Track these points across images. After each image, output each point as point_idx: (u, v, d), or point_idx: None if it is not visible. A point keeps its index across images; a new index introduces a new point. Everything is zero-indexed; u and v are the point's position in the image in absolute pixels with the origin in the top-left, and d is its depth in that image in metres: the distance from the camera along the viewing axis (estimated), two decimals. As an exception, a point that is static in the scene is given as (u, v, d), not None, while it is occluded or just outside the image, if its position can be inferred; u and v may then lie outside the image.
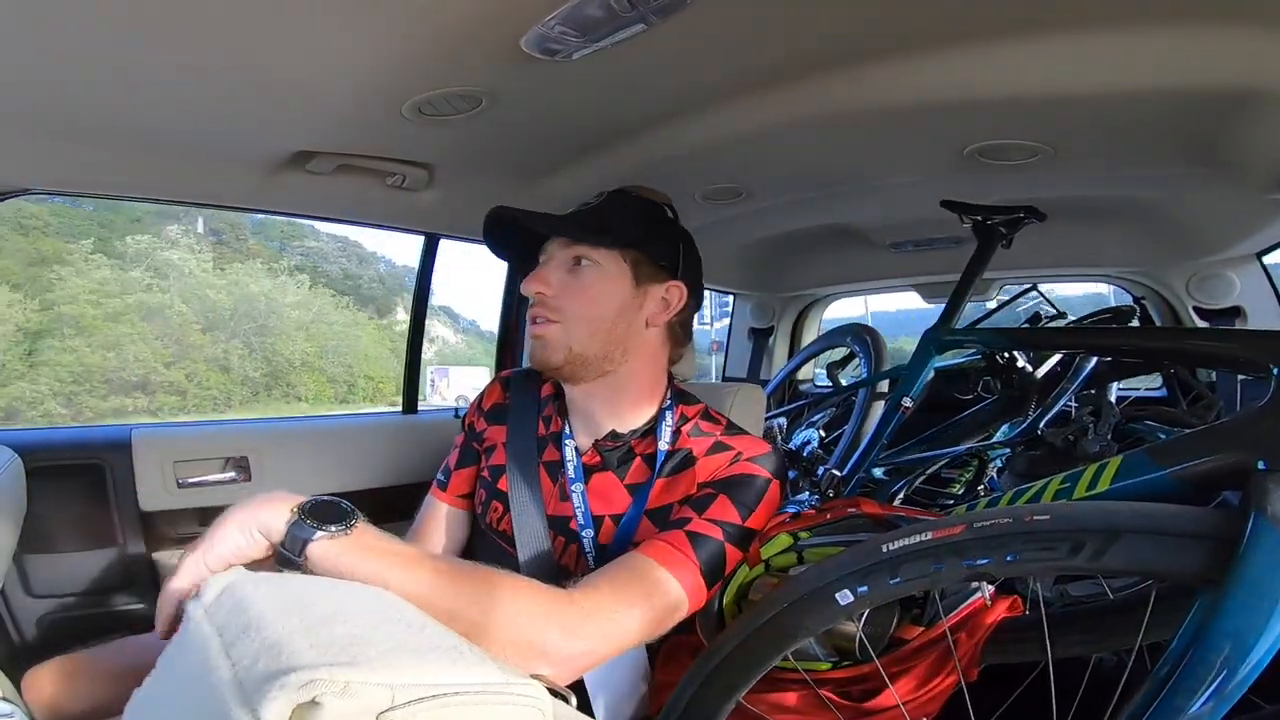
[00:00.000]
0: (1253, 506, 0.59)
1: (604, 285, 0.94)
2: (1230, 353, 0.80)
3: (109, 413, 10.43)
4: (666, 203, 1.03)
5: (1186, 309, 2.11)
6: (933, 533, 0.69)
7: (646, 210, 0.99)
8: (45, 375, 10.16)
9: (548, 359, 0.94)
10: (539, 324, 0.94)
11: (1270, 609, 0.56)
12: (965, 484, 1.77)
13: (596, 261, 0.94)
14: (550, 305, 0.94)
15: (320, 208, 1.49)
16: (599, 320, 0.93)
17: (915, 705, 0.73)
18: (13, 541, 1.14)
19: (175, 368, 11.36)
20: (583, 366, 0.94)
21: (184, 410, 11.09)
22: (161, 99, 0.98)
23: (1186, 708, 0.57)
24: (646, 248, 0.96)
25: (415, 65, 0.93)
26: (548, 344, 0.94)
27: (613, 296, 0.94)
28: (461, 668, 0.47)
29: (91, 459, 1.35)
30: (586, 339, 0.93)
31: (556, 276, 0.94)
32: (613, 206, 0.98)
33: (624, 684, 0.87)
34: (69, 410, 10.05)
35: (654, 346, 0.99)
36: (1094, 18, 0.88)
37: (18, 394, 10.00)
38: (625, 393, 0.97)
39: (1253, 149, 1.11)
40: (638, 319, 0.96)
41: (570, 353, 0.93)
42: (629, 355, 0.96)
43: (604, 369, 0.95)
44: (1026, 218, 1.55)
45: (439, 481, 1.10)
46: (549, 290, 0.94)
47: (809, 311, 2.96)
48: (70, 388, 10.28)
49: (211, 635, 0.51)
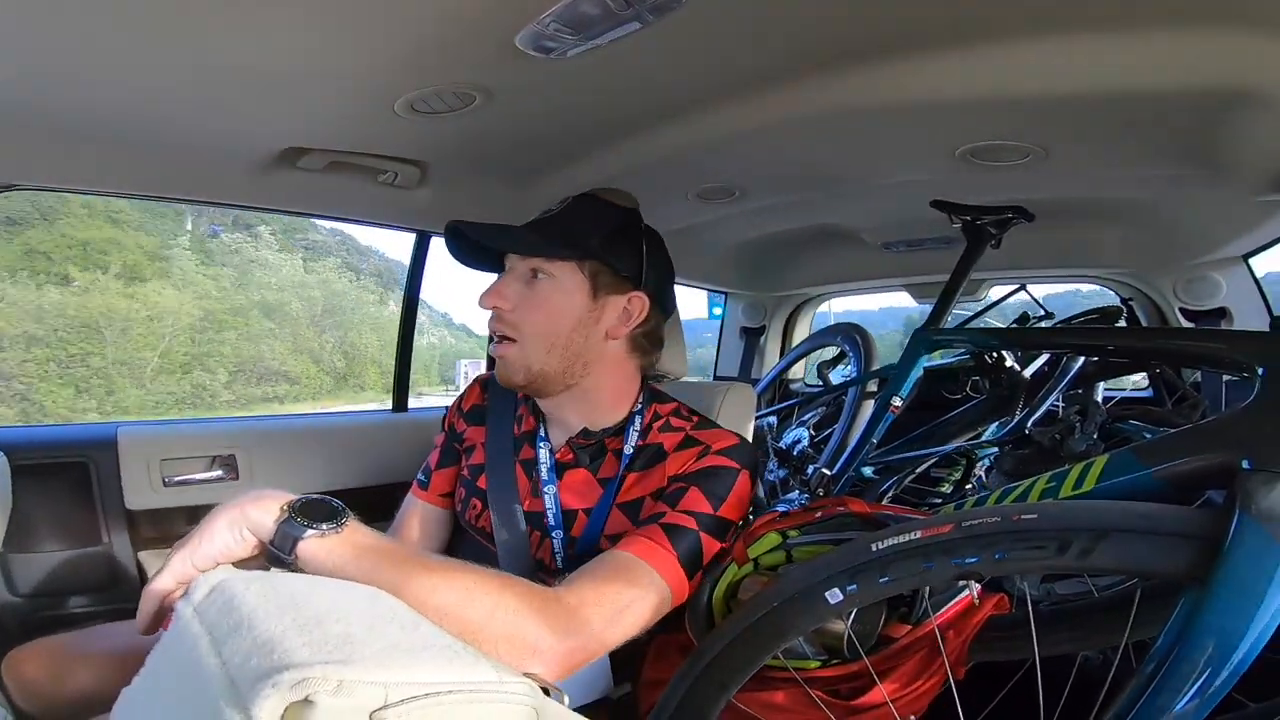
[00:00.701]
0: (1237, 506, 0.60)
1: (559, 298, 0.93)
2: (1216, 353, 0.80)
3: (258, 399, 11.62)
4: (633, 207, 1.01)
5: (1173, 310, 2.13)
6: (922, 531, 0.69)
7: (609, 217, 0.97)
8: (212, 365, 11.59)
9: (510, 379, 0.96)
10: (499, 343, 0.95)
11: (1254, 608, 0.57)
12: (954, 483, 1.78)
13: (551, 274, 0.93)
14: (506, 321, 0.94)
15: (311, 205, 1.48)
16: (554, 335, 0.93)
17: (903, 703, 0.74)
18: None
19: (294, 359, 12.67)
20: (545, 383, 0.95)
21: (297, 399, 12.33)
22: (149, 95, 0.97)
23: (1171, 706, 0.58)
24: (607, 257, 0.94)
25: (408, 62, 0.93)
26: (508, 364, 0.95)
27: (568, 310, 0.94)
28: (456, 667, 0.47)
29: (77, 457, 1.34)
30: (544, 356, 0.93)
31: (513, 290, 0.94)
32: (574, 214, 0.96)
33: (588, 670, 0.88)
34: (234, 396, 11.30)
35: (618, 357, 0.99)
36: (1087, 19, 0.89)
37: (199, 382, 11.40)
38: (593, 401, 0.98)
39: (1241, 150, 1.12)
40: (595, 332, 0.96)
41: (530, 372, 0.94)
42: (590, 368, 0.96)
43: (566, 383, 0.96)
44: (1015, 218, 1.56)
45: (420, 481, 1.11)
46: (505, 305, 0.94)
47: (800, 311, 2.98)
48: (233, 375, 11.65)
49: (201, 634, 0.51)
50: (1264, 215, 1.62)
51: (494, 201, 1.56)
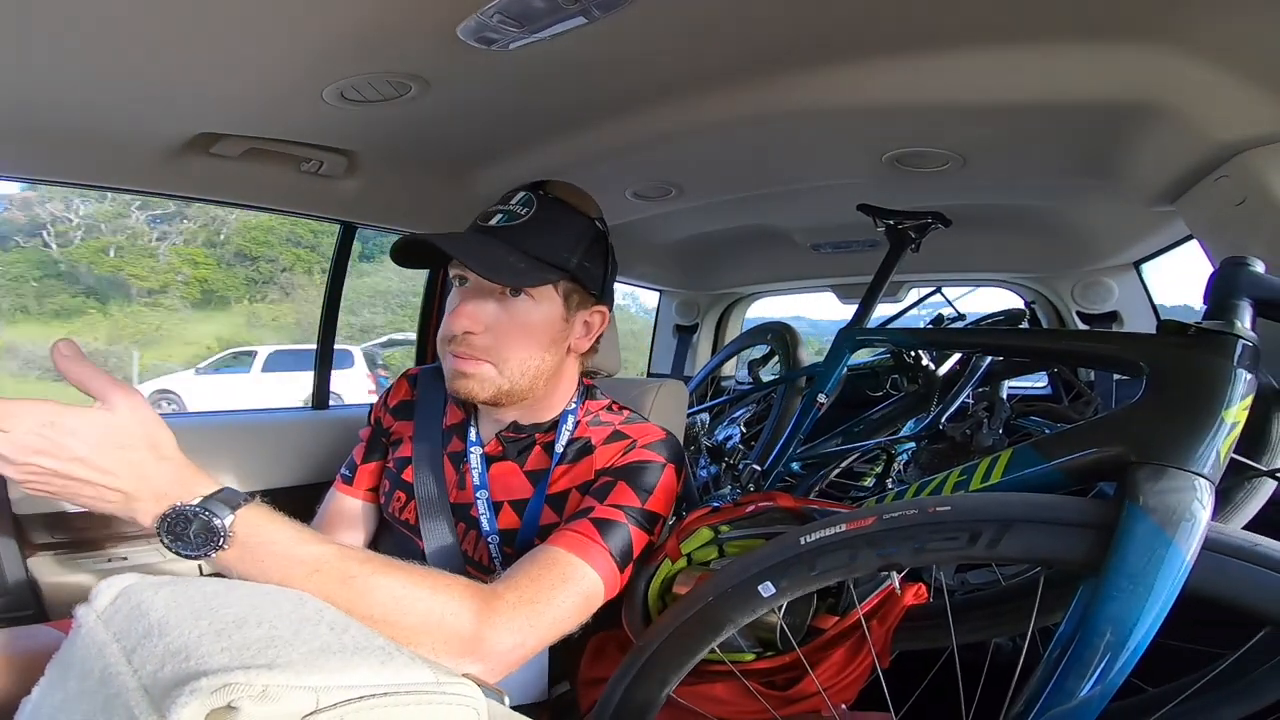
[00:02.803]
0: (1127, 497, 0.64)
1: (537, 320, 0.90)
2: (1111, 353, 0.85)
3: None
4: (599, 216, 0.97)
5: (1070, 313, 2.29)
6: (846, 525, 0.72)
7: (581, 229, 0.93)
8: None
9: (474, 393, 0.90)
10: (467, 361, 0.89)
11: (1144, 595, 0.61)
12: (875, 476, 1.86)
13: (530, 295, 0.89)
14: (479, 346, 0.89)
15: (226, 192, 1.40)
16: (531, 358, 0.91)
17: (834, 691, 0.77)
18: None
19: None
20: (507, 398, 0.92)
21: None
22: (44, 75, 0.90)
23: (1078, 690, 0.61)
24: (580, 274, 0.92)
25: (342, 49, 0.89)
26: (479, 383, 0.90)
27: (544, 331, 0.91)
28: (391, 669, 0.46)
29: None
30: (518, 377, 0.90)
31: (488, 312, 0.89)
32: (547, 224, 0.90)
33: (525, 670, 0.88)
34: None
35: (572, 368, 0.99)
36: (1006, 31, 0.94)
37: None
38: (534, 403, 0.97)
39: (1139, 161, 1.19)
40: (562, 349, 0.95)
41: (499, 391, 0.91)
42: (548, 382, 0.95)
43: (524, 398, 0.94)
44: (934, 223, 1.64)
45: (344, 476, 1.08)
46: (478, 328, 0.88)
47: (732, 309, 3.03)
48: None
49: (109, 642, 0.48)
50: (1156, 225, 1.77)
51: (426, 193, 1.52)
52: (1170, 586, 0.61)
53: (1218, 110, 0.96)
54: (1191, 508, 0.63)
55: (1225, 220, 1.10)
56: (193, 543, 0.62)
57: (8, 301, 12.23)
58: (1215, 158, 1.03)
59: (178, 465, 0.64)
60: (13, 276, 12.28)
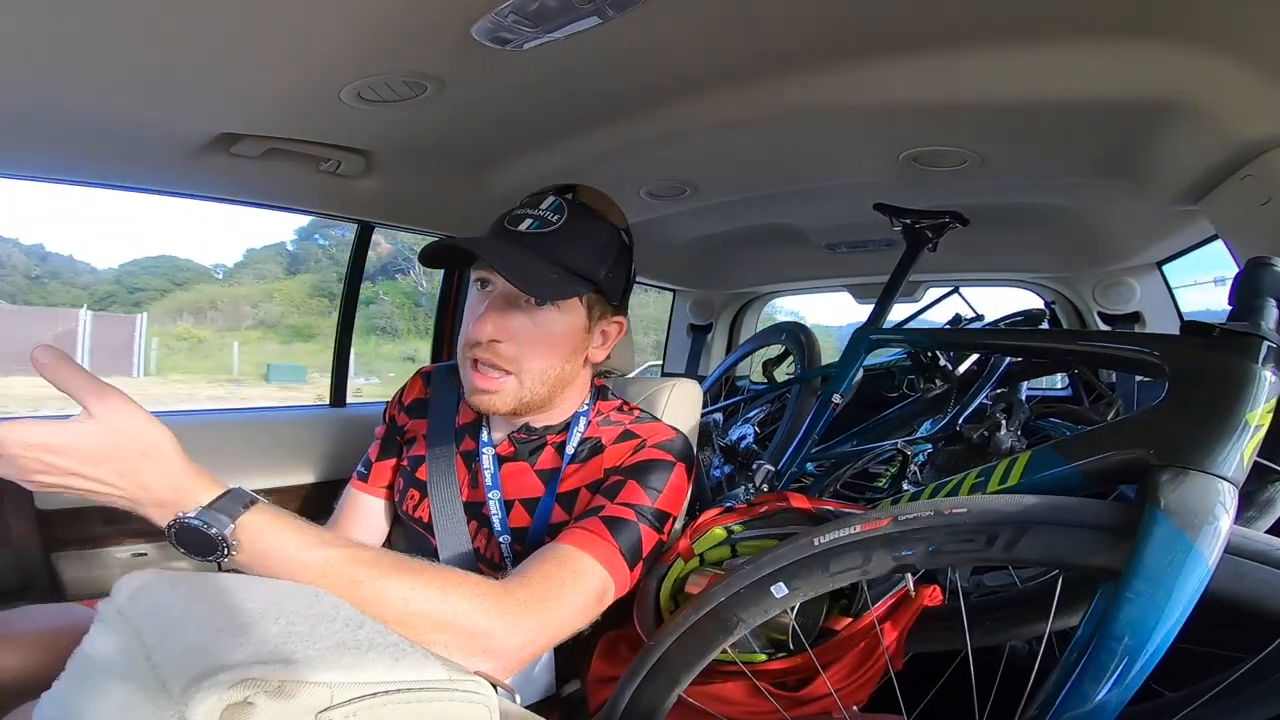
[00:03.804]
0: (1148, 500, 0.63)
1: (562, 331, 0.91)
2: (1133, 354, 0.83)
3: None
4: (624, 225, 0.97)
5: (1091, 313, 2.26)
6: (861, 526, 0.72)
7: (609, 239, 0.93)
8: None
9: (495, 407, 0.91)
10: (489, 375, 0.89)
11: (1165, 598, 0.60)
12: (890, 478, 1.84)
13: (557, 306, 0.90)
14: (504, 355, 0.89)
15: (246, 193, 1.42)
16: (551, 368, 0.91)
17: (846, 693, 0.76)
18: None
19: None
20: (526, 409, 0.93)
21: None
22: (69, 77, 0.91)
23: (1094, 694, 0.61)
24: (604, 286, 0.92)
25: (360, 50, 0.90)
26: (501, 398, 0.90)
27: (568, 342, 0.92)
28: (404, 666, 0.46)
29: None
30: (538, 386, 0.91)
31: (515, 322, 0.88)
32: (576, 232, 0.89)
33: (532, 668, 0.88)
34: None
35: (586, 373, 1.00)
36: (1026, 30, 0.92)
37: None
38: (550, 407, 0.97)
39: (1161, 160, 1.17)
40: (580, 358, 0.95)
41: (520, 403, 0.91)
42: (566, 390, 0.96)
43: (542, 407, 0.95)
44: (951, 223, 1.62)
45: (359, 473, 1.09)
46: (503, 337, 0.88)
47: (747, 309, 3.02)
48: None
49: (130, 636, 0.49)
50: (1178, 224, 1.73)
51: (442, 192, 1.53)
52: (1191, 591, 0.60)
53: (1243, 108, 0.94)
54: (1214, 511, 0.62)
55: (1251, 219, 1.08)
56: (199, 551, 0.63)
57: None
58: (1240, 156, 1.01)
59: (176, 471, 0.64)
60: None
